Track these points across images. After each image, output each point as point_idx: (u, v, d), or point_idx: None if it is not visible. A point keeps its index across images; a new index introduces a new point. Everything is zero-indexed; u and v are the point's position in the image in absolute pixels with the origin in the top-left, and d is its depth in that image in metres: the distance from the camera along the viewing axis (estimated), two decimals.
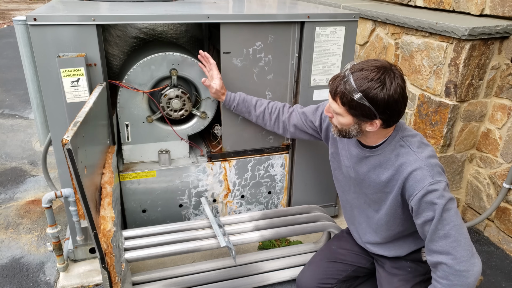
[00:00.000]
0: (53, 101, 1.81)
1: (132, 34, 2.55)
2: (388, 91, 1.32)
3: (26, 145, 3.71)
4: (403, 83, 1.36)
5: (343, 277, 1.81)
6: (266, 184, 2.41)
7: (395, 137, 1.49)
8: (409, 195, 1.44)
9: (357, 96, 1.34)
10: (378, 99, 1.33)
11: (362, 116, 1.39)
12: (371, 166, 1.56)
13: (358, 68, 1.36)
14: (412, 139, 1.49)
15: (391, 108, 1.36)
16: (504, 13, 2.40)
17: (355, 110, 1.38)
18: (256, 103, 2.05)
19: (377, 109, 1.35)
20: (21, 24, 1.80)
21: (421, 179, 1.40)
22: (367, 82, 1.33)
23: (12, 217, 2.69)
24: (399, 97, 1.34)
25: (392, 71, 1.35)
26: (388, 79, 1.33)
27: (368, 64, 1.36)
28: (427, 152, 1.45)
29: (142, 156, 2.19)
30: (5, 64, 6.47)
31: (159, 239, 1.87)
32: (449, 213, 1.38)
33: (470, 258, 1.38)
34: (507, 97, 2.38)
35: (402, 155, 1.46)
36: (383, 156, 1.52)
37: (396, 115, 1.39)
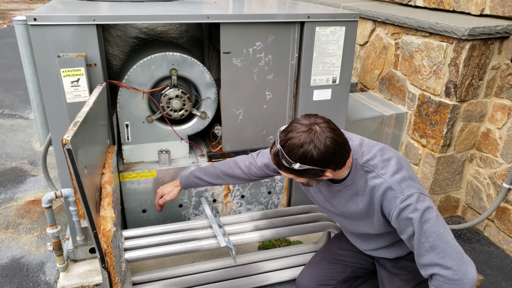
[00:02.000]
0: (53, 101, 1.81)
1: (132, 34, 2.55)
2: (320, 150, 1.35)
3: (26, 145, 3.71)
4: (331, 133, 1.37)
5: (343, 278, 1.81)
6: (266, 184, 2.41)
7: (357, 165, 1.52)
8: (387, 216, 1.49)
9: (296, 166, 1.38)
10: (316, 160, 1.36)
11: (312, 176, 1.44)
12: (347, 197, 1.59)
13: (285, 138, 1.39)
14: (373, 162, 1.51)
15: (331, 160, 1.39)
16: (504, 13, 2.40)
17: (302, 174, 1.44)
18: (207, 177, 1.94)
19: (320, 166, 1.39)
20: (21, 24, 1.79)
21: (392, 198, 1.44)
22: (298, 149, 1.36)
23: (12, 217, 2.69)
24: (334, 148, 1.37)
25: (317, 125, 1.38)
26: (316, 138, 1.35)
27: (293, 131, 1.39)
28: (391, 168, 1.48)
29: (142, 156, 2.19)
30: (5, 64, 6.47)
31: (159, 239, 1.87)
32: (429, 224, 1.40)
33: (461, 266, 1.38)
34: (507, 97, 2.38)
35: (370, 180, 1.50)
36: (354, 185, 1.55)
37: (340, 160, 1.42)
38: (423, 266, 1.45)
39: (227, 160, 1.93)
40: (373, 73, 3.14)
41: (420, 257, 1.44)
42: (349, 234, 1.86)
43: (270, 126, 2.28)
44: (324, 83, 2.23)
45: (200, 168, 1.98)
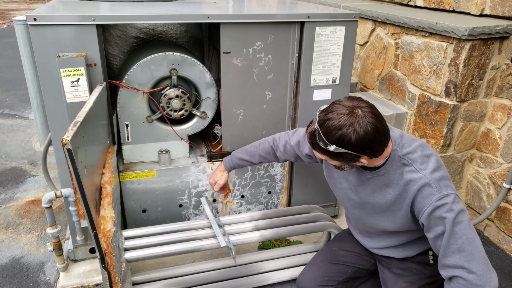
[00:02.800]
0: (53, 101, 1.81)
1: (132, 34, 2.55)
2: (359, 134, 1.31)
3: (26, 145, 3.71)
4: (373, 118, 1.34)
5: (344, 278, 1.81)
6: (266, 184, 2.41)
7: (395, 156, 1.48)
8: (418, 212, 1.46)
9: (332, 148, 1.35)
10: (353, 144, 1.33)
11: (346, 160, 1.41)
12: (376, 187, 1.55)
13: (324, 118, 1.36)
14: (412, 156, 1.47)
15: (369, 147, 1.35)
16: (504, 13, 2.40)
17: (337, 157, 1.40)
18: (250, 156, 1.99)
19: (357, 151, 1.35)
20: (21, 24, 1.80)
21: (428, 195, 1.41)
22: (336, 131, 1.32)
23: (12, 217, 2.69)
24: (373, 135, 1.33)
25: (360, 109, 1.34)
26: (356, 121, 1.32)
27: (334, 112, 1.35)
28: (431, 165, 1.44)
29: (142, 156, 2.19)
30: (5, 64, 6.47)
31: (159, 239, 1.87)
32: (461, 226, 1.37)
33: (485, 272, 1.36)
34: (507, 97, 2.38)
35: (407, 173, 1.46)
36: (387, 176, 1.51)
37: (378, 148, 1.39)
38: (446, 266, 1.42)
39: (267, 139, 1.98)
40: (373, 73, 3.14)
41: (444, 258, 1.41)
42: (358, 230, 1.83)
43: (270, 126, 2.28)
44: (324, 83, 2.23)
45: (241, 149, 2.03)
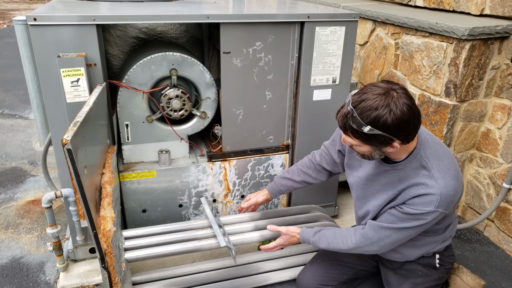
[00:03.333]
0: (53, 101, 1.81)
1: (132, 34, 2.55)
2: (396, 115, 1.30)
3: (26, 145, 3.71)
4: (409, 100, 1.33)
5: (344, 279, 1.81)
6: (266, 184, 2.41)
7: (417, 155, 1.47)
8: (407, 204, 1.48)
9: (367, 129, 1.32)
10: (389, 125, 1.31)
11: (379, 143, 1.38)
12: (390, 180, 1.55)
13: (359, 99, 1.34)
14: (434, 161, 1.46)
15: (404, 129, 1.33)
16: (504, 13, 2.40)
17: (370, 140, 1.37)
18: (294, 180, 1.99)
19: (391, 134, 1.33)
20: (21, 24, 1.80)
21: (427, 203, 1.43)
22: (372, 112, 1.30)
23: (12, 217, 2.69)
24: (409, 116, 1.32)
25: (394, 91, 1.33)
26: (392, 102, 1.30)
27: (368, 93, 1.34)
28: (448, 179, 1.43)
29: (142, 156, 2.19)
30: (5, 64, 6.47)
31: (159, 239, 1.87)
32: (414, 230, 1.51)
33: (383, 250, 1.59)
34: (507, 97, 2.38)
35: (422, 176, 1.46)
36: (403, 172, 1.50)
37: (412, 131, 1.37)
38: (373, 225, 1.57)
39: (304, 160, 2.00)
40: (373, 73, 3.14)
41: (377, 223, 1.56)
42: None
43: (270, 126, 2.28)
44: (324, 83, 2.23)
45: (283, 173, 2.03)
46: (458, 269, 1.98)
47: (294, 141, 2.34)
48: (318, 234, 1.71)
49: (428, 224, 1.48)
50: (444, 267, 1.74)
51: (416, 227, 1.49)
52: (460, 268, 1.98)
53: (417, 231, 1.52)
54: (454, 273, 1.97)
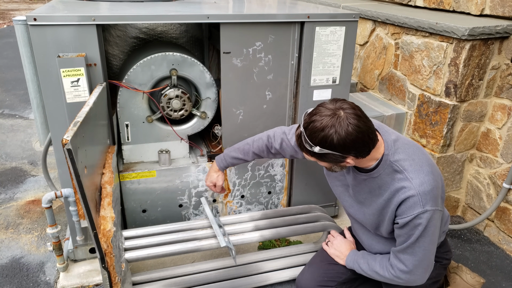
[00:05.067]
0: (53, 101, 1.81)
1: (132, 34, 2.55)
2: (340, 135, 1.34)
3: (26, 145, 3.71)
4: (355, 120, 1.35)
5: (343, 279, 1.81)
6: (266, 184, 2.41)
7: (387, 161, 1.51)
8: (398, 215, 1.52)
9: (316, 149, 1.38)
10: (335, 145, 1.36)
11: (332, 161, 1.44)
12: (371, 188, 1.59)
13: (309, 121, 1.39)
14: (404, 163, 1.49)
15: (352, 148, 1.38)
16: (504, 13, 2.40)
17: (323, 158, 1.43)
18: (243, 154, 1.96)
19: (340, 152, 1.38)
20: (21, 24, 1.79)
21: (412, 206, 1.46)
22: (319, 133, 1.36)
23: (12, 217, 2.69)
24: (356, 135, 1.35)
25: (342, 110, 1.36)
26: (337, 122, 1.34)
27: (317, 114, 1.38)
28: (422, 176, 1.47)
29: (142, 156, 2.19)
30: (5, 64, 6.47)
31: (159, 239, 1.87)
32: (425, 239, 1.49)
33: (423, 275, 1.57)
34: (507, 97, 2.38)
35: (398, 181, 1.49)
36: (380, 179, 1.54)
37: (363, 149, 1.41)
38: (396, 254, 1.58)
39: (261, 136, 1.95)
40: (373, 73, 3.14)
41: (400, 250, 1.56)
42: (356, 231, 1.86)
43: (270, 126, 2.27)
44: (324, 83, 2.23)
45: (234, 147, 2.00)
46: (458, 267, 1.98)
47: None
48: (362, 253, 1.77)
49: (432, 227, 1.48)
50: (440, 263, 1.75)
51: (424, 235, 1.48)
52: (460, 266, 1.98)
53: (430, 240, 1.51)
54: (453, 271, 1.97)
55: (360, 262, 1.73)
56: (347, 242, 1.87)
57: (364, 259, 1.72)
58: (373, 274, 1.67)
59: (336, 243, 1.87)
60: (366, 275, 1.71)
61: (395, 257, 1.59)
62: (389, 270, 1.60)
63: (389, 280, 1.63)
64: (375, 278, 1.68)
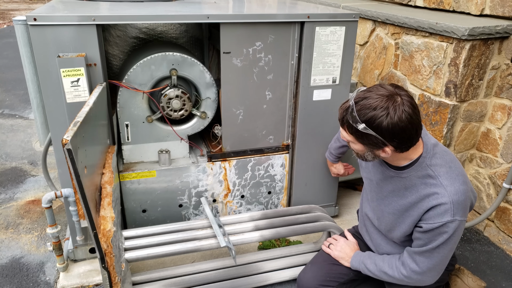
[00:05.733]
0: (53, 101, 1.81)
1: (132, 34, 2.55)
2: (392, 119, 1.29)
3: (26, 145, 3.71)
4: (410, 109, 1.31)
5: (345, 280, 1.81)
6: (266, 184, 2.41)
7: (423, 164, 1.47)
8: (424, 219, 1.47)
9: (361, 126, 1.33)
10: (383, 128, 1.30)
11: (371, 144, 1.38)
12: (396, 187, 1.55)
13: (362, 96, 1.34)
14: (441, 169, 1.45)
15: (398, 136, 1.33)
16: (504, 13, 2.40)
17: (363, 139, 1.37)
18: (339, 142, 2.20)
19: (384, 137, 1.33)
20: (21, 24, 1.80)
21: (442, 214, 1.42)
22: (370, 111, 1.30)
23: (12, 217, 2.69)
24: (405, 124, 1.30)
25: (399, 96, 1.32)
26: (392, 106, 1.29)
27: (373, 92, 1.33)
28: (457, 186, 1.43)
29: (142, 156, 2.19)
30: (5, 64, 6.47)
31: (159, 239, 1.87)
32: (446, 247, 1.47)
33: (434, 277, 1.56)
34: (507, 97, 2.38)
35: (430, 186, 1.45)
36: (408, 180, 1.50)
37: (406, 141, 1.36)
38: (412, 255, 1.55)
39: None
40: (373, 73, 3.14)
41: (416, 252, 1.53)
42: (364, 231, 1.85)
43: (270, 126, 2.28)
44: (324, 83, 2.23)
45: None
46: (459, 270, 1.98)
47: (294, 141, 2.34)
48: (368, 254, 1.75)
49: (456, 236, 1.45)
50: (446, 269, 1.74)
51: (446, 243, 1.46)
52: (461, 269, 1.98)
53: (450, 248, 1.48)
54: (454, 274, 1.97)
55: (367, 263, 1.71)
56: (350, 243, 1.86)
57: (371, 259, 1.70)
58: (381, 274, 1.65)
59: (340, 244, 1.85)
60: (373, 275, 1.69)
61: (409, 256, 1.55)
62: (400, 270, 1.58)
63: (398, 280, 1.60)
64: (382, 278, 1.66)
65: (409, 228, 1.54)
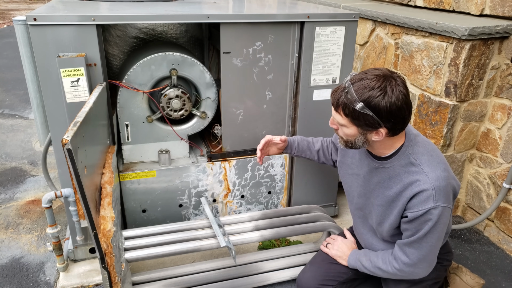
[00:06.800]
0: (53, 101, 1.81)
1: (132, 34, 2.55)
2: (390, 99, 1.31)
3: (26, 145, 3.71)
4: (405, 90, 1.35)
5: (344, 279, 1.81)
6: (266, 184, 2.41)
7: (405, 152, 1.49)
8: (408, 208, 1.49)
9: (359, 106, 1.33)
10: (380, 107, 1.32)
11: (366, 125, 1.39)
12: (381, 178, 1.57)
13: (358, 78, 1.36)
14: (423, 157, 1.47)
15: (394, 116, 1.35)
16: (504, 13, 2.40)
17: (359, 120, 1.38)
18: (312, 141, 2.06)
19: (381, 117, 1.35)
20: (21, 24, 1.80)
21: (425, 201, 1.43)
22: (368, 91, 1.32)
23: (12, 217, 2.69)
24: (402, 104, 1.33)
25: (393, 78, 1.35)
26: (389, 86, 1.32)
27: (368, 74, 1.36)
28: (438, 172, 1.45)
29: (142, 156, 2.19)
30: (5, 64, 6.47)
31: (159, 239, 1.87)
32: (433, 236, 1.48)
33: (426, 269, 1.56)
34: (507, 97, 2.38)
35: (413, 174, 1.47)
36: (392, 170, 1.52)
37: (401, 122, 1.38)
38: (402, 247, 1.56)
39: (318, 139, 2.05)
40: None
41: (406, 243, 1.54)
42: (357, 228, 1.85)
43: (270, 126, 2.28)
44: (324, 83, 2.23)
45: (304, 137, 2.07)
46: (458, 268, 1.98)
47: None
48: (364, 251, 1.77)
49: (441, 224, 1.46)
50: (440, 264, 1.75)
51: (432, 231, 1.47)
52: (460, 267, 1.98)
53: (437, 237, 1.49)
54: (453, 272, 1.97)
55: (363, 260, 1.72)
56: (348, 241, 1.87)
57: (366, 256, 1.72)
58: (376, 270, 1.67)
59: (337, 244, 1.87)
60: (369, 272, 1.71)
61: (400, 249, 1.57)
62: (392, 264, 1.59)
63: (392, 275, 1.62)
64: (378, 274, 1.68)
65: (396, 219, 1.55)
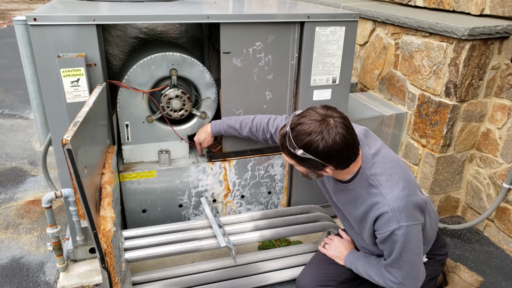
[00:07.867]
0: (53, 101, 1.81)
1: (132, 34, 2.55)
2: (327, 143, 1.34)
3: (26, 145, 3.71)
4: (344, 130, 1.36)
5: (343, 278, 1.81)
6: (266, 184, 2.41)
7: (363, 174, 1.51)
8: (376, 229, 1.52)
9: (299, 152, 1.38)
10: (319, 152, 1.36)
11: (312, 167, 1.44)
12: (347, 199, 1.61)
13: (296, 122, 1.39)
14: (380, 178, 1.49)
15: (336, 157, 1.38)
16: (504, 13, 2.40)
17: (303, 163, 1.43)
18: (240, 125, 2.03)
19: (322, 160, 1.38)
20: (21, 24, 1.79)
21: (387, 223, 1.45)
22: (305, 137, 1.36)
23: (12, 217, 2.69)
24: (341, 146, 1.35)
25: (332, 119, 1.37)
26: (326, 130, 1.34)
27: (306, 117, 1.39)
28: (396, 192, 1.45)
29: (142, 156, 2.19)
30: (5, 64, 6.47)
31: (159, 239, 1.87)
32: (408, 254, 1.48)
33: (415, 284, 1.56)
34: (507, 97, 2.38)
35: (373, 196, 1.49)
36: (355, 192, 1.55)
37: (345, 160, 1.42)
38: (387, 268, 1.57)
39: (262, 117, 1.99)
40: (373, 73, 3.14)
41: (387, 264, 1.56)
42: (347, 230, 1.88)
43: None
44: (324, 83, 2.23)
45: (233, 117, 2.06)
46: (456, 267, 1.98)
47: None
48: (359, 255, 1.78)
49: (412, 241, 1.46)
50: (433, 259, 1.76)
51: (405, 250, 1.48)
52: (458, 265, 1.98)
53: (414, 253, 1.50)
54: (452, 271, 1.97)
55: (358, 265, 1.74)
56: (345, 241, 1.88)
57: (361, 261, 1.74)
58: (369, 278, 1.69)
59: (334, 244, 1.88)
60: (363, 277, 1.73)
61: (385, 269, 1.60)
62: (383, 278, 1.62)
63: (383, 285, 1.64)
64: (371, 281, 1.70)
65: (371, 235, 1.58)
